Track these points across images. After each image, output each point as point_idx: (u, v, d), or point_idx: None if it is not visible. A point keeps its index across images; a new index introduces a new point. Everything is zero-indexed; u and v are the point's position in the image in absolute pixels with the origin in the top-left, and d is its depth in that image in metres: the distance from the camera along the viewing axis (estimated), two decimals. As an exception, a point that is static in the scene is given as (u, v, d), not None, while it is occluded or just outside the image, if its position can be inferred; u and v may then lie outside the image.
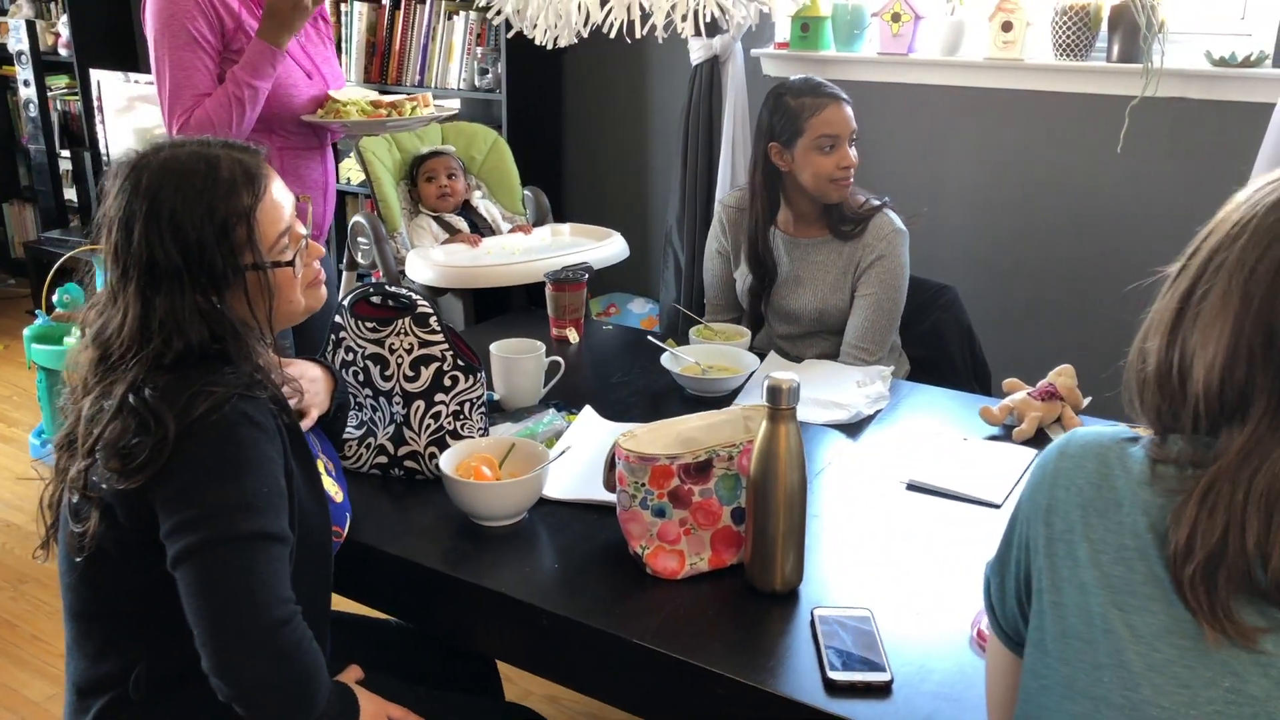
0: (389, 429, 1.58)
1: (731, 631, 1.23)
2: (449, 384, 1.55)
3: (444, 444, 1.54)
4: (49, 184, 4.77)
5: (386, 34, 3.80)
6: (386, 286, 1.58)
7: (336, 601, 1.37)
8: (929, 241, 2.78)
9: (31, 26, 4.58)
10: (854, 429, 1.79)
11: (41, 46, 4.65)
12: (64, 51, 4.66)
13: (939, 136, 3.07)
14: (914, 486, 1.58)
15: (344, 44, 3.84)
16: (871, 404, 1.85)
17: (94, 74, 4.32)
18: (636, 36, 2.07)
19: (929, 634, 1.22)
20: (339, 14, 3.83)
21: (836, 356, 2.17)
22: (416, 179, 2.87)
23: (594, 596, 1.29)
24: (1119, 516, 0.83)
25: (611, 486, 1.36)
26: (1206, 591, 0.77)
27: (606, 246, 2.71)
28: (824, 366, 2.06)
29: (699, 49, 3.16)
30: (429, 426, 1.55)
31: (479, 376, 1.58)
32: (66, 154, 4.78)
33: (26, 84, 4.63)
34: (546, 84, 3.69)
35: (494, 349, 1.84)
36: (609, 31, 2.07)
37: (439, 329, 1.55)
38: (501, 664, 1.66)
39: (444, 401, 1.55)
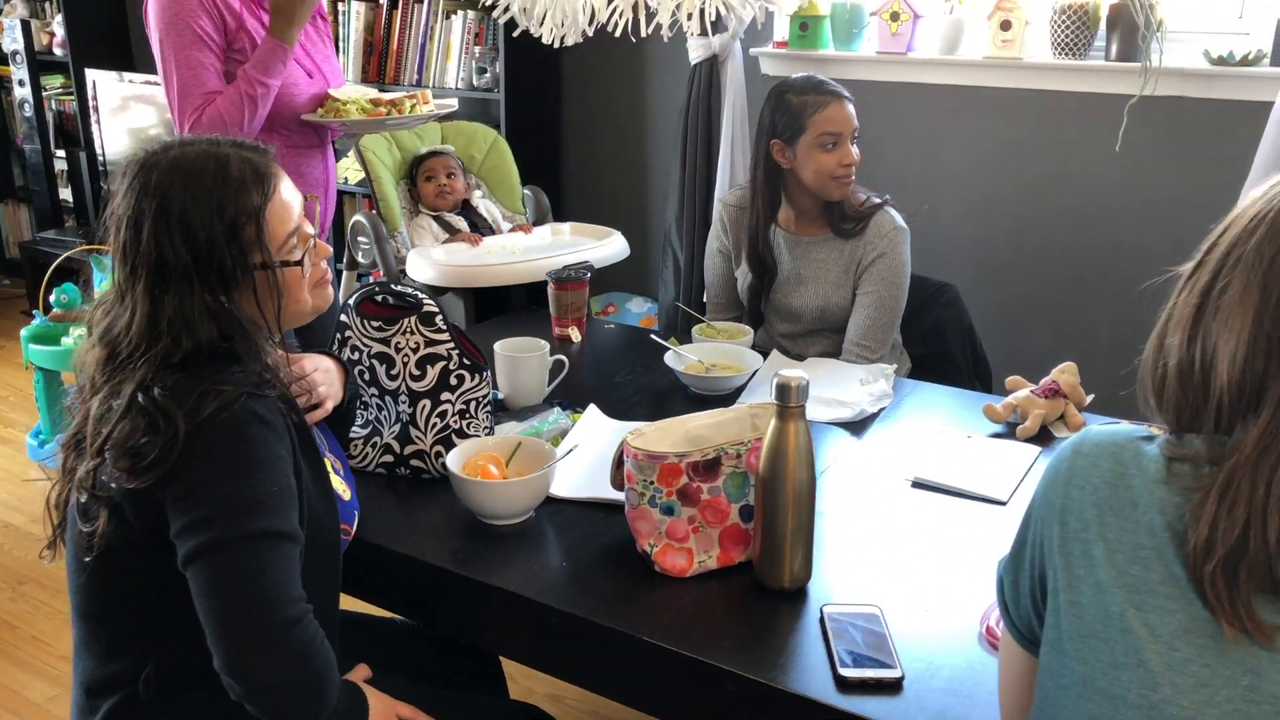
0: (395, 428, 1.58)
1: (741, 629, 1.23)
2: (455, 383, 1.55)
3: (450, 443, 1.54)
4: (44, 184, 4.76)
5: (384, 33, 3.79)
6: (392, 286, 1.58)
7: (343, 601, 1.37)
8: (928, 240, 2.78)
9: (26, 26, 4.56)
10: (858, 427, 1.79)
11: (36, 46, 4.64)
12: (59, 51, 4.65)
13: (937, 136, 3.07)
14: (919, 484, 1.58)
15: (341, 43, 3.83)
16: (875, 402, 1.85)
17: (89, 74, 4.31)
18: (642, 35, 2.07)
19: (938, 631, 1.22)
20: (336, 13, 3.81)
21: (837, 355, 2.17)
22: (416, 178, 2.87)
23: (602, 594, 1.29)
24: (1135, 515, 0.83)
25: (620, 485, 1.36)
26: (1227, 588, 0.77)
27: (607, 245, 2.71)
28: (827, 365, 2.06)
29: (698, 48, 3.16)
30: (435, 425, 1.55)
31: (485, 375, 1.58)
32: (62, 154, 4.77)
33: (21, 84, 4.62)
34: (545, 83, 3.69)
35: (498, 348, 1.84)
36: (614, 30, 2.07)
37: (445, 328, 1.55)
38: (505, 662, 1.66)
39: (450, 400, 1.55)
